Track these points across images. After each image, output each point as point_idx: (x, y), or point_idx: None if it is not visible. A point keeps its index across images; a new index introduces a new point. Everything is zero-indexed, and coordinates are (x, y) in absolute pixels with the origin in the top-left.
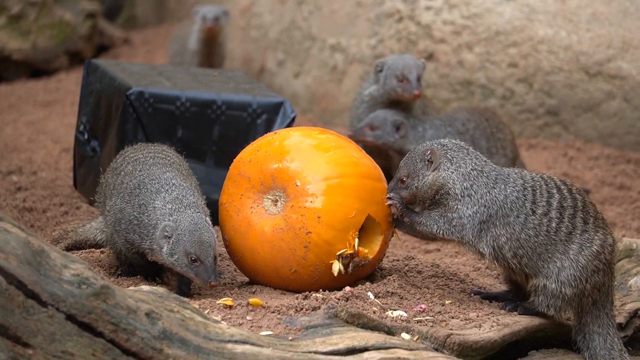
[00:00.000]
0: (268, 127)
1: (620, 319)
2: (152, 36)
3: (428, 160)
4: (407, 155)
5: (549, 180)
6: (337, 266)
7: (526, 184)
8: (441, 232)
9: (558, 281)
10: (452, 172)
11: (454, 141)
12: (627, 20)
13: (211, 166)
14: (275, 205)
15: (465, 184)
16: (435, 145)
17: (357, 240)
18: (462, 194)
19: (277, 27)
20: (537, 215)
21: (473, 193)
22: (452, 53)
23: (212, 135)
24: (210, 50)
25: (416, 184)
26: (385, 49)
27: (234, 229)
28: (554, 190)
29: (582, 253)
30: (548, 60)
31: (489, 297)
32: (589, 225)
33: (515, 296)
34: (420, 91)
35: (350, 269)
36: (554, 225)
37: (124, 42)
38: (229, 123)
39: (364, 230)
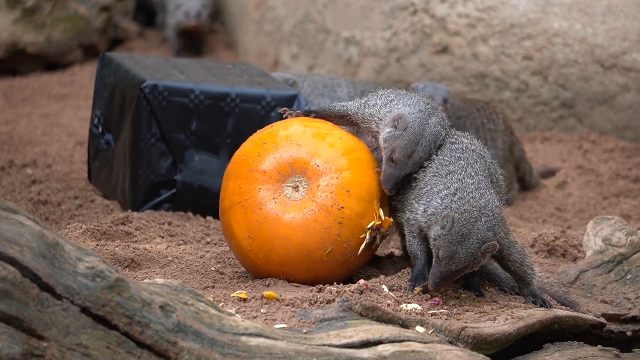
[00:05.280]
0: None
1: (635, 311)
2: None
3: (487, 251)
4: (456, 250)
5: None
6: (368, 239)
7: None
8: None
9: None
10: None
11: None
12: None
13: (225, 159)
14: (297, 190)
15: None
16: (489, 234)
17: (381, 210)
18: None
19: (291, 20)
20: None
21: None
22: (466, 46)
23: (226, 128)
24: (191, 44)
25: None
26: (399, 42)
27: (259, 223)
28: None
29: None
30: (563, 52)
31: None
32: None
33: None
34: None
35: (377, 240)
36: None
37: (138, 36)
38: (243, 116)
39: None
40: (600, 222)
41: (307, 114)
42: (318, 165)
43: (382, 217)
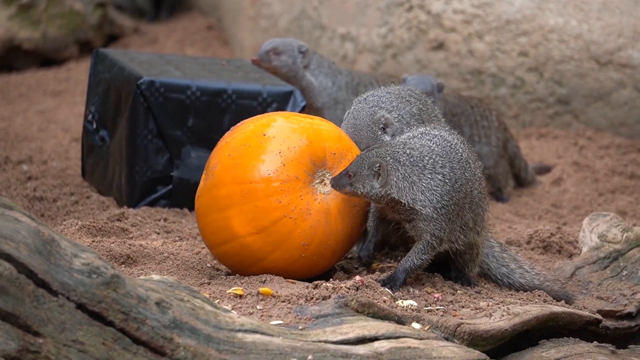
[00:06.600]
0: None
1: (631, 308)
2: (162, 26)
3: (375, 172)
4: (361, 154)
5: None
6: None
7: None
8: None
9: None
10: (406, 191)
11: (409, 152)
12: (638, 9)
13: None
14: (325, 184)
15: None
16: (388, 160)
17: None
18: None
19: (287, 16)
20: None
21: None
22: (462, 42)
23: (223, 125)
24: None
25: (361, 190)
26: (395, 38)
27: (314, 227)
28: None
29: None
30: (559, 49)
31: None
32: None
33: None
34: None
35: None
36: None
37: (133, 32)
38: (240, 112)
39: None
40: (596, 219)
41: None
42: (334, 153)
43: None
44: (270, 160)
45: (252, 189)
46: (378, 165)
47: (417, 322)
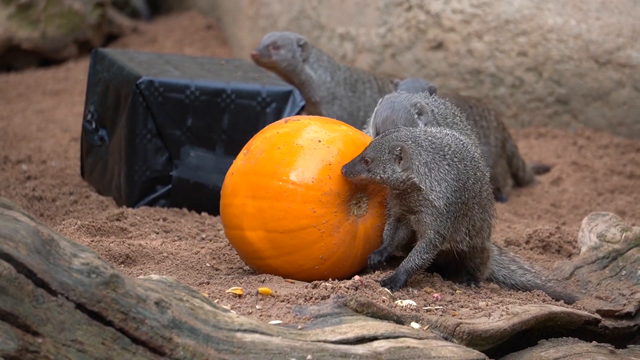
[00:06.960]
0: (277, 116)
1: (630, 307)
2: (161, 25)
3: (397, 156)
4: (378, 138)
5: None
6: None
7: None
8: (429, 261)
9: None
10: (426, 179)
11: (430, 138)
12: (637, 8)
13: (221, 155)
14: (360, 207)
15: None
16: (409, 144)
17: None
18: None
19: (286, 16)
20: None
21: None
22: (461, 42)
23: (222, 124)
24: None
25: (381, 175)
26: (394, 38)
27: (337, 245)
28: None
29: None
30: (557, 49)
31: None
32: None
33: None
34: None
35: None
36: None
37: (132, 31)
38: (239, 112)
39: None
40: (595, 218)
41: None
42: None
43: None
44: (318, 169)
45: (291, 190)
46: (399, 148)
47: (416, 321)
